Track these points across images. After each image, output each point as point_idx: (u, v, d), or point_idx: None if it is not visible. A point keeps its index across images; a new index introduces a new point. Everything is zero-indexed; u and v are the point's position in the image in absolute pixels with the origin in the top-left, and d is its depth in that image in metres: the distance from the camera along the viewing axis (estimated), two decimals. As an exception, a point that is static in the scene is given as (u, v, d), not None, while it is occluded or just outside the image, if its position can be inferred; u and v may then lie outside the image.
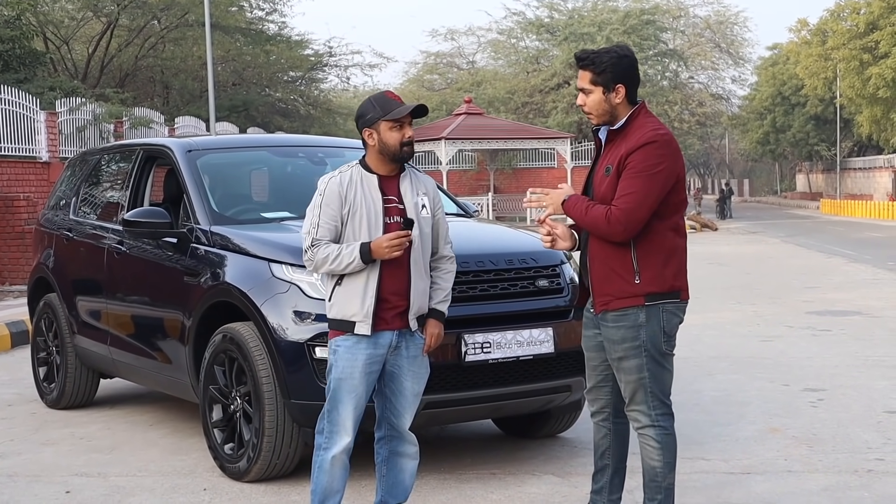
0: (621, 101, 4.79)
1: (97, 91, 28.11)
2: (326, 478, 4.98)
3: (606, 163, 4.81)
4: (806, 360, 10.26)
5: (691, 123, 57.20)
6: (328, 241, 4.90)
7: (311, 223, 4.95)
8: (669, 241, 4.75)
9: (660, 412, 4.80)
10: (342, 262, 4.85)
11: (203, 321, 6.61)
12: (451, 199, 7.91)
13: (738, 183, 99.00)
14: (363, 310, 4.88)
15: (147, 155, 7.86)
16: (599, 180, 4.84)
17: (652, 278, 4.70)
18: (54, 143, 21.63)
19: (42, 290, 8.96)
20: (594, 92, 4.79)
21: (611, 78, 4.76)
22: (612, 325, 4.76)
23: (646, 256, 4.70)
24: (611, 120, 4.83)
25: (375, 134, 4.96)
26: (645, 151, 4.66)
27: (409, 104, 5.02)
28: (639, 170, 4.65)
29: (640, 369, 4.75)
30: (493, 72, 57.84)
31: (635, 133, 4.74)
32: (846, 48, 50.11)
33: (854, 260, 23.65)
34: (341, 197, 4.92)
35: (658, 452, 4.82)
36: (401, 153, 4.98)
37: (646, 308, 4.70)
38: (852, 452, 6.71)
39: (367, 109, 5.01)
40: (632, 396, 4.82)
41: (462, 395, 6.00)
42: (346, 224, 4.93)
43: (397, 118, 4.94)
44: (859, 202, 52.89)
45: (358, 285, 4.90)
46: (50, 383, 8.75)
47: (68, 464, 6.88)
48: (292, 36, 41.00)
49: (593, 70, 4.78)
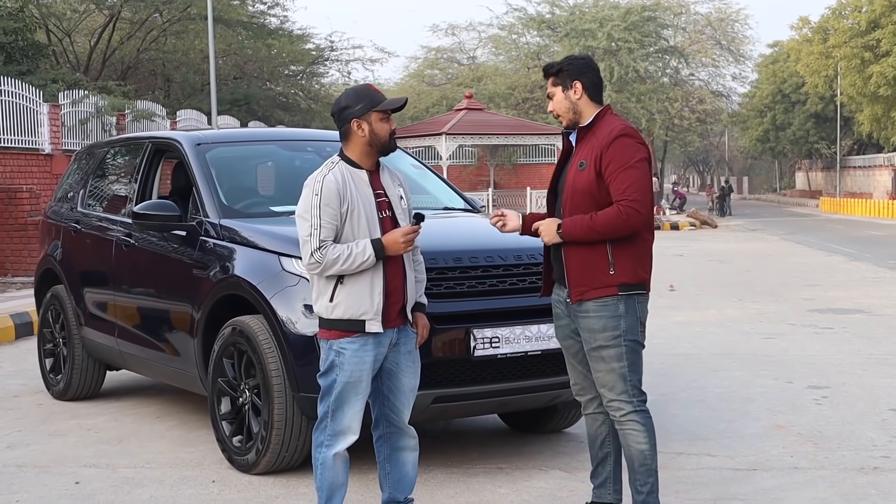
0: (581, 98, 5.06)
1: (99, 84, 28.09)
2: (331, 473, 4.98)
3: (580, 158, 5.02)
4: (809, 357, 10.29)
5: (691, 120, 57.16)
6: (331, 241, 4.83)
7: (312, 225, 4.81)
8: (641, 235, 4.99)
9: (639, 399, 5.02)
10: (355, 261, 4.79)
11: (212, 314, 6.63)
12: (458, 195, 7.94)
13: (738, 180, 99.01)
14: (373, 307, 4.85)
15: (155, 148, 7.88)
16: (573, 175, 5.02)
17: (625, 270, 4.94)
18: (57, 136, 21.63)
19: (49, 281, 8.98)
20: (556, 93, 5.11)
21: (567, 76, 5.08)
22: (593, 314, 4.95)
23: (620, 249, 4.93)
24: (576, 118, 5.09)
25: (366, 125, 4.92)
26: (620, 144, 4.91)
27: (399, 97, 5.03)
28: (623, 163, 4.89)
29: (619, 358, 4.96)
30: (494, 67, 57.81)
31: (604, 129, 4.99)
32: (847, 46, 50.11)
33: (854, 258, 23.67)
34: (340, 195, 4.84)
35: (644, 436, 5.00)
36: (390, 144, 4.99)
37: (623, 299, 4.93)
38: (858, 450, 6.74)
39: (354, 101, 4.94)
40: (612, 386, 4.98)
41: (470, 390, 6.02)
42: (345, 222, 4.86)
43: (387, 108, 4.94)
44: (859, 200, 52.91)
45: (364, 283, 4.85)
46: (56, 375, 8.77)
47: (76, 455, 6.91)
48: (294, 30, 40.98)
49: (552, 73, 5.14)
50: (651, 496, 5.04)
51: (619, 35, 49.76)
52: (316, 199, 4.84)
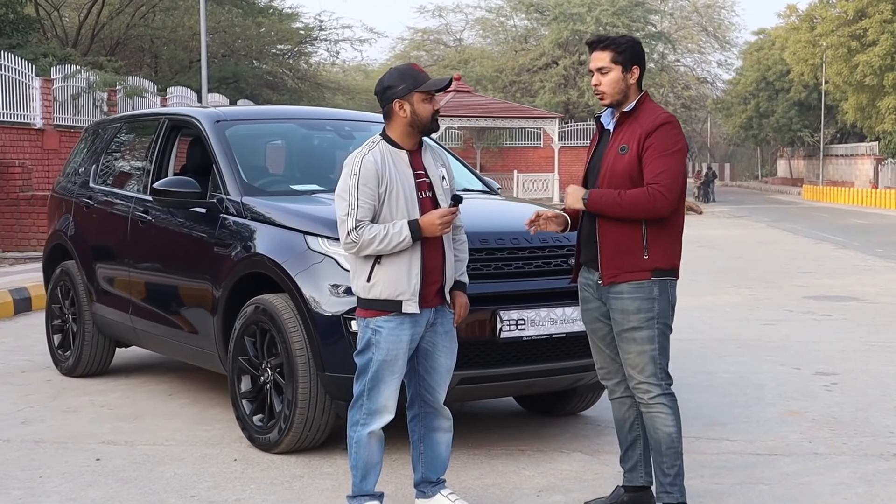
0: (634, 83, 5.04)
1: (90, 59, 27.91)
2: (366, 451, 4.99)
3: (621, 142, 4.99)
4: (812, 343, 10.34)
5: (676, 106, 57.29)
6: (369, 221, 4.84)
7: (349, 205, 4.80)
8: (675, 220, 5.01)
9: (667, 382, 5.04)
10: (391, 242, 4.78)
11: (233, 292, 6.60)
12: (476, 177, 7.92)
13: (720, 167, 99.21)
14: (410, 288, 4.85)
15: (172, 125, 7.83)
16: (613, 159, 5.00)
17: (658, 255, 4.95)
18: (49, 111, 21.47)
19: (58, 257, 8.94)
20: (613, 70, 5.01)
21: (629, 58, 5.03)
22: (627, 296, 4.95)
23: (655, 234, 4.94)
24: (622, 101, 5.03)
25: (408, 105, 4.90)
26: (664, 131, 4.92)
27: (443, 77, 5.01)
28: (662, 149, 4.90)
29: (651, 340, 4.96)
30: (481, 50, 57.75)
31: (648, 115, 4.98)
32: (834, 35, 50.28)
33: (843, 246, 23.80)
34: (378, 175, 4.83)
35: (671, 418, 5.01)
36: (432, 124, 4.97)
37: (657, 282, 4.95)
38: (875, 436, 6.78)
39: (398, 81, 4.92)
40: (641, 368, 4.99)
41: (496, 372, 6.03)
42: (383, 202, 4.86)
43: (430, 90, 4.93)
44: (842, 189, 53.15)
45: (402, 263, 4.85)
46: (65, 351, 8.73)
47: (93, 431, 6.89)
48: (283, 8, 40.80)
49: (614, 49, 5.03)
50: (678, 478, 5.07)
51: (608, 20, 49.77)
52: (354, 178, 4.83)
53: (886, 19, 46.98)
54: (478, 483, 5.77)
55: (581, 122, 48.90)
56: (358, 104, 46.93)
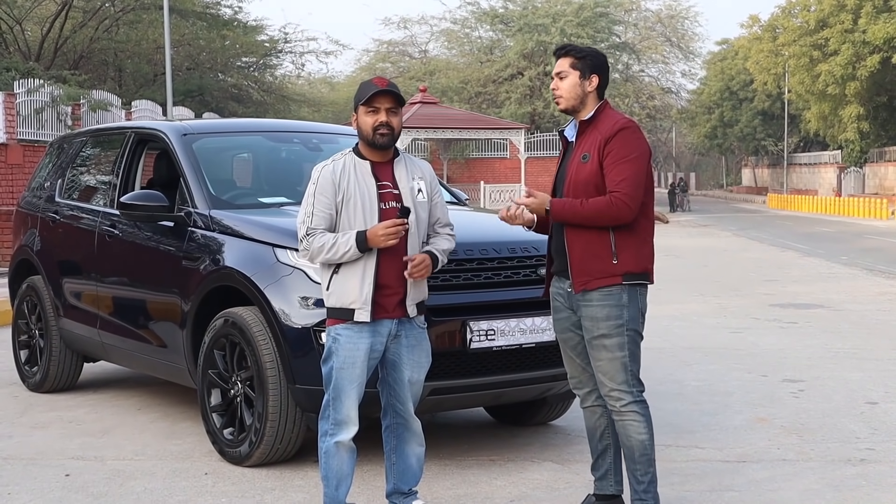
0: (592, 91, 5.08)
1: (53, 72, 27.75)
2: (336, 462, 5.02)
3: (583, 151, 5.04)
4: (778, 351, 10.42)
5: (641, 116, 57.58)
6: (323, 230, 4.92)
7: (304, 213, 4.96)
8: (643, 224, 5.05)
9: (638, 389, 5.06)
10: (338, 251, 4.87)
11: (201, 306, 6.59)
12: (444, 188, 7.92)
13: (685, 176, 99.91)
14: (362, 297, 4.91)
15: (138, 138, 7.81)
16: (576, 168, 5.04)
17: (628, 259, 4.98)
18: (12, 125, 21.34)
19: (24, 272, 8.87)
20: (571, 75, 5.08)
21: (589, 66, 5.08)
22: (597, 303, 4.98)
23: (623, 239, 4.97)
24: (577, 107, 5.08)
25: (356, 118, 5.04)
26: (623, 136, 4.96)
27: (372, 86, 5.01)
28: (622, 155, 4.94)
29: (621, 347, 4.99)
30: (446, 61, 57.84)
31: (607, 121, 5.02)
32: (797, 45, 50.78)
33: (807, 254, 24.00)
34: (335, 185, 4.93)
35: (644, 426, 5.04)
36: (373, 137, 4.99)
37: (627, 289, 4.97)
38: (842, 442, 6.84)
39: (356, 94, 5.07)
40: (613, 375, 5.01)
41: (466, 382, 6.04)
42: (340, 212, 4.94)
43: (369, 102, 4.97)
44: (805, 197, 53.61)
45: (356, 273, 4.92)
46: (32, 366, 8.67)
47: (62, 447, 6.84)
48: (248, 21, 40.71)
49: (574, 55, 5.10)
50: (652, 485, 5.10)
51: (573, 31, 50.00)
52: (312, 187, 4.99)
53: (847, 29, 47.49)
54: (450, 493, 5.78)
55: (547, 132, 49.08)
56: (324, 116, 46.92)
